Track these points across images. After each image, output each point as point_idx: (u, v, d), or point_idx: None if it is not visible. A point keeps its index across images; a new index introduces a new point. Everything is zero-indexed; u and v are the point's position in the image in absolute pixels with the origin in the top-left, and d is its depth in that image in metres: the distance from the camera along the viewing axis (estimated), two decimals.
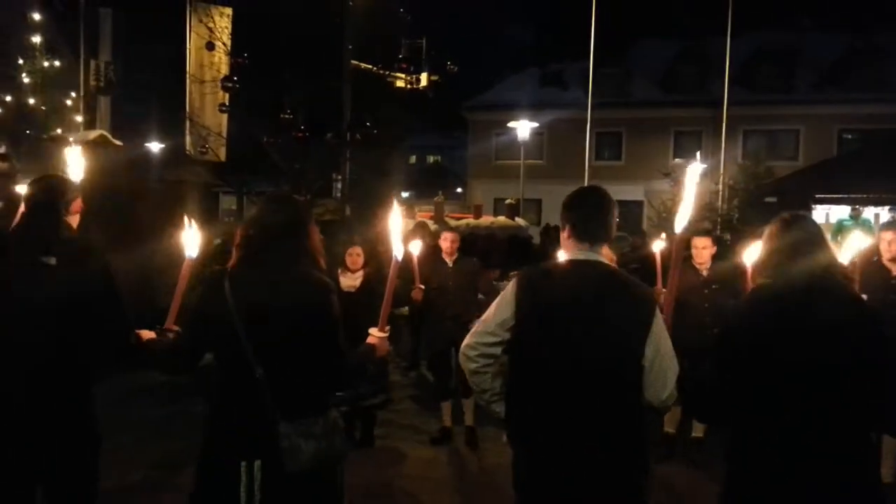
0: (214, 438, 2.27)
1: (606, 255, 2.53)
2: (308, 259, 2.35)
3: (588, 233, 2.43)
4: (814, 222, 2.42)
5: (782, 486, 2.13)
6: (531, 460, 2.39)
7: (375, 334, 2.48)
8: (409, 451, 5.49)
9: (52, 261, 2.57)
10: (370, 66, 13.17)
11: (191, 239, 2.60)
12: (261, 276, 2.28)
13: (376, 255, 6.06)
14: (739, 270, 6.28)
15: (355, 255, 5.44)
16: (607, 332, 2.31)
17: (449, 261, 5.76)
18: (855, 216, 11.42)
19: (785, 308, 2.21)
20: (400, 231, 2.48)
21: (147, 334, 2.55)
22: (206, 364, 2.42)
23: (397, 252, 2.42)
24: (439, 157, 48.72)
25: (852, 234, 3.24)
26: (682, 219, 2.49)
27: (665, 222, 7.30)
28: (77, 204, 2.83)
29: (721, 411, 2.38)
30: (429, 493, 4.72)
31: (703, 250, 5.03)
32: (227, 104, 11.78)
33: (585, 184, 15.54)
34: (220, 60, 11.87)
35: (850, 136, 25.46)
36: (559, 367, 2.31)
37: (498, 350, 2.42)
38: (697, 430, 5.17)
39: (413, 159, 46.99)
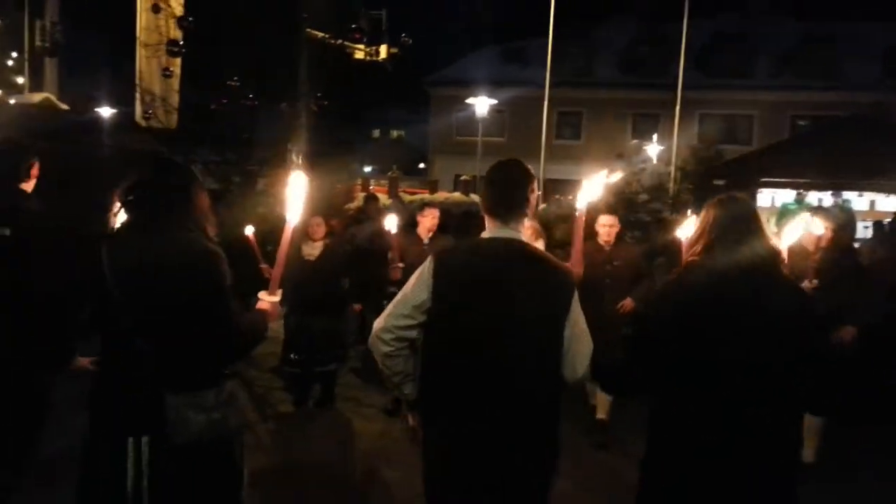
0: (99, 414, 2.20)
1: (532, 230, 2.50)
2: (194, 225, 2.22)
3: (501, 209, 2.36)
4: (748, 203, 2.41)
5: (705, 461, 2.14)
6: (446, 443, 2.31)
7: (266, 298, 2.37)
8: (358, 424, 5.53)
9: (7, 231, 2.50)
10: (326, 36, 12.88)
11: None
12: (140, 243, 2.15)
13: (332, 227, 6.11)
14: (655, 249, 6.55)
15: (315, 225, 5.63)
16: (526, 312, 2.26)
17: (425, 238, 5.64)
18: (799, 200, 11.68)
19: (719, 286, 2.21)
20: (301, 197, 2.36)
21: (84, 362, 2.52)
22: None
23: (292, 218, 2.33)
24: (403, 133, 48.29)
25: (794, 220, 3.25)
26: (585, 197, 2.58)
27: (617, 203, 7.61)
28: (36, 169, 2.79)
29: (635, 383, 2.40)
30: (383, 465, 4.75)
31: (610, 228, 5.24)
32: (171, 69, 11.43)
33: (541, 163, 15.59)
34: (168, 24, 11.49)
35: (803, 122, 26.04)
36: (478, 348, 2.25)
37: (414, 333, 2.33)
38: (601, 412, 5.20)
39: (377, 133, 46.50)
